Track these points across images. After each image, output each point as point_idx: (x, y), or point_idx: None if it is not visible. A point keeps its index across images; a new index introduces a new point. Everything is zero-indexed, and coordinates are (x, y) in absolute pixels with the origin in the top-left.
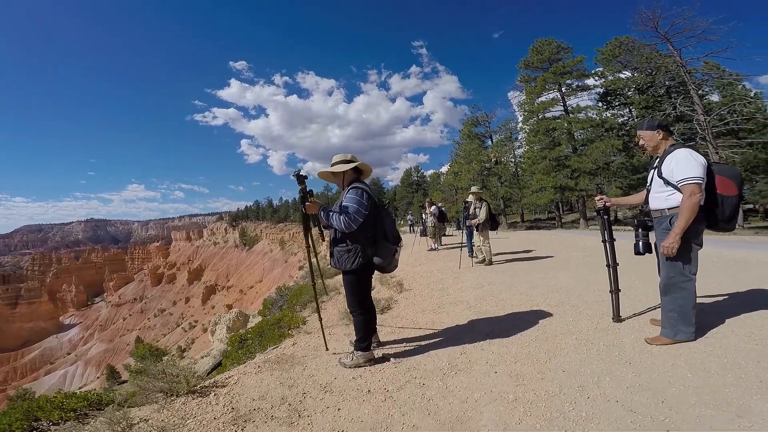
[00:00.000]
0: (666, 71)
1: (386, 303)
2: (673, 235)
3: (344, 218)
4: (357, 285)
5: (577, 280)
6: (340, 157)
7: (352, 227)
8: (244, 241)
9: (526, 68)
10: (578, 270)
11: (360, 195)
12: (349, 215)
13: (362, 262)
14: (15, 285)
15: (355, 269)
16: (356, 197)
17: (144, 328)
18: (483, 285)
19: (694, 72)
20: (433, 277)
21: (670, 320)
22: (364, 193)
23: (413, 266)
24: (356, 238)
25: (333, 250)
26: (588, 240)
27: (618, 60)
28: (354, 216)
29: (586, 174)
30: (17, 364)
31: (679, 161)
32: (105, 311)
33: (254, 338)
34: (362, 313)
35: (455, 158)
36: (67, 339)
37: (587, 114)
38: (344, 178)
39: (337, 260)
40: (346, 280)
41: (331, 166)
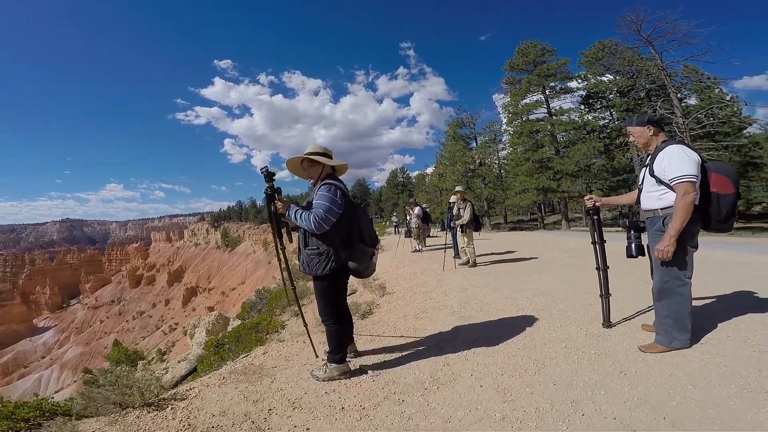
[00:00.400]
0: (647, 74)
1: (367, 307)
2: (667, 238)
3: (315, 218)
4: (329, 292)
5: (561, 283)
6: (320, 148)
7: (323, 228)
8: (227, 242)
9: (511, 70)
10: (562, 272)
11: (333, 192)
12: (320, 214)
13: (335, 266)
14: None
15: (327, 274)
16: (329, 194)
17: (122, 331)
18: (467, 288)
19: (674, 75)
20: (416, 280)
21: (665, 326)
22: (338, 191)
23: (397, 268)
24: (328, 239)
25: (301, 253)
26: (571, 241)
27: (601, 63)
28: (326, 215)
29: (568, 176)
30: None
31: (672, 158)
32: (81, 314)
33: (231, 343)
34: (335, 323)
35: (440, 159)
36: (41, 342)
37: (570, 116)
38: (321, 172)
39: (307, 264)
40: (317, 286)
41: (310, 155)
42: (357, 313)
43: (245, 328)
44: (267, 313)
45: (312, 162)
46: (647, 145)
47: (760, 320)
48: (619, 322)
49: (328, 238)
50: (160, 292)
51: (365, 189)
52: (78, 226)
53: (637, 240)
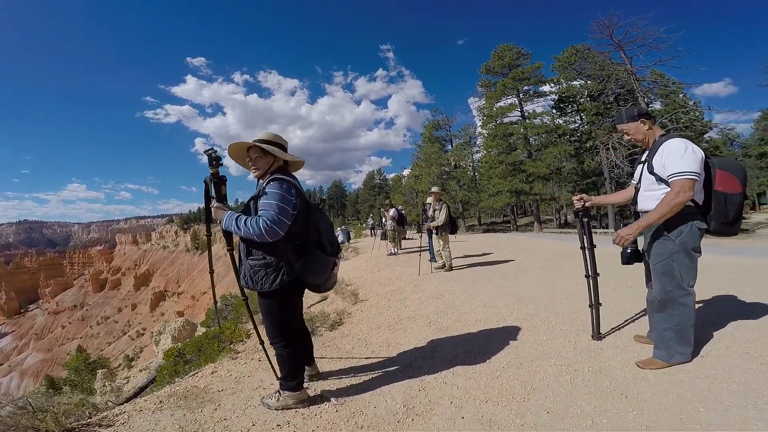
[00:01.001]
0: (616, 79)
1: (337, 317)
2: (635, 227)
3: (265, 222)
4: (279, 310)
5: (541, 288)
6: (273, 136)
7: (277, 233)
8: (196, 244)
9: (487, 73)
10: (540, 276)
11: (286, 189)
12: (272, 217)
13: (286, 279)
14: None
15: (276, 290)
16: (280, 192)
17: (86, 337)
18: (443, 294)
19: (642, 80)
20: (391, 285)
21: (665, 340)
22: (292, 188)
23: (372, 272)
24: (278, 247)
25: (243, 263)
26: (544, 243)
27: (573, 67)
28: (279, 218)
29: (540, 178)
30: None
31: (671, 152)
32: (41, 319)
33: (192, 353)
34: (286, 345)
35: (416, 161)
36: None
37: (542, 120)
38: (271, 166)
39: (250, 278)
40: (263, 304)
41: (261, 142)
42: (325, 324)
43: (207, 337)
44: (232, 321)
45: (261, 152)
46: (645, 141)
47: (754, 327)
48: (609, 333)
49: (277, 245)
50: (126, 296)
51: (342, 191)
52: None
53: (633, 245)
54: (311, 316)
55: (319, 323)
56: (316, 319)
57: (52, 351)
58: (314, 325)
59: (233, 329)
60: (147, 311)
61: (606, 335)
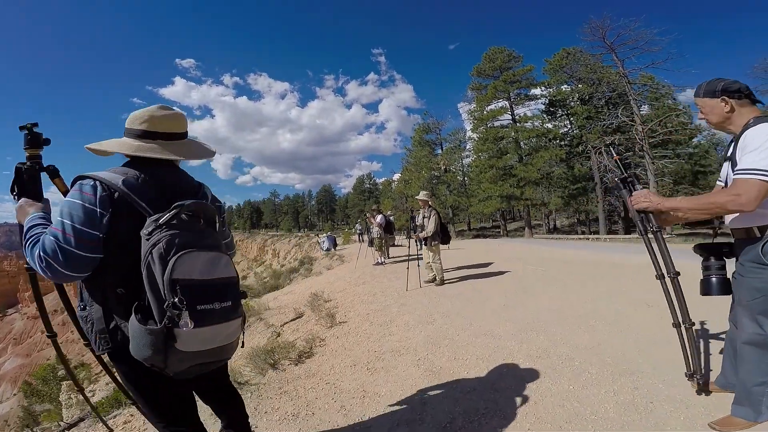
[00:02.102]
0: (608, 82)
1: (306, 346)
2: (658, 201)
3: (39, 251)
4: (143, 390)
5: (549, 309)
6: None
7: (57, 271)
8: None
9: (478, 75)
10: (546, 292)
11: (87, 197)
12: (46, 246)
13: (118, 346)
14: None
15: (118, 357)
16: (73, 201)
17: (67, 342)
18: (434, 318)
19: (634, 83)
20: (375, 303)
21: (755, 396)
22: (99, 190)
23: (355, 285)
24: (95, 289)
25: None
26: (539, 250)
27: (564, 70)
28: (59, 247)
29: (531, 183)
30: None
31: (752, 140)
32: (20, 324)
33: None
34: (168, 426)
35: (406, 165)
36: None
37: (533, 123)
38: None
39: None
40: (120, 372)
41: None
42: (290, 355)
43: None
44: None
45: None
46: (723, 126)
47: None
48: (640, 367)
49: (95, 285)
50: None
51: (332, 195)
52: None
53: (721, 272)
54: (273, 346)
55: (282, 354)
56: (279, 350)
57: (30, 356)
58: (276, 357)
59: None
60: None
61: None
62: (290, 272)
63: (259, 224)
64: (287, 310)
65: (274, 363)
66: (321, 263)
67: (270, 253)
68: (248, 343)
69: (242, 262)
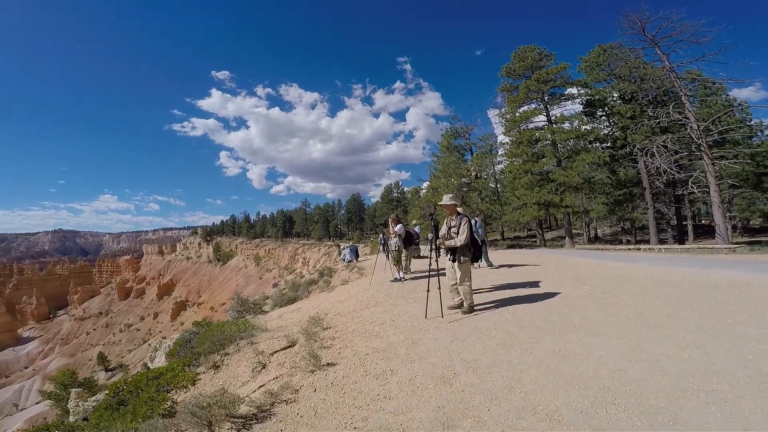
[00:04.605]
0: (653, 78)
1: (267, 402)
2: None
3: None
4: None
5: (630, 358)
6: None
7: None
8: (218, 256)
9: (508, 76)
10: (614, 326)
11: None
12: None
13: None
14: None
15: None
16: None
17: (108, 344)
18: (455, 370)
19: (683, 79)
20: (379, 338)
21: None
22: None
23: (364, 308)
24: None
25: None
26: (585, 263)
27: (602, 68)
28: None
29: (571, 189)
30: None
31: None
32: (68, 325)
33: (130, 393)
34: None
35: (434, 173)
36: (24, 352)
37: (572, 124)
38: None
39: None
40: None
41: None
42: (233, 415)
43: (147, 378)
44: (187, 357)
45: None
46: None
47: None
48: None
49: None
50: (149, 305)
51: (360, 204)
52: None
53: None
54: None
55: (221, 414)
56: (216, 404)
57: (75, 356)
58: (214, 414)
59: (176, 372)
60: (168, 320)
61: None
62: (309, 284)
63: (291, 233)
64: (285, 333)
65: (210, 424)
66: (340, 276)
67: (300, 262)
68: (225, 376)
69: (274, 269)
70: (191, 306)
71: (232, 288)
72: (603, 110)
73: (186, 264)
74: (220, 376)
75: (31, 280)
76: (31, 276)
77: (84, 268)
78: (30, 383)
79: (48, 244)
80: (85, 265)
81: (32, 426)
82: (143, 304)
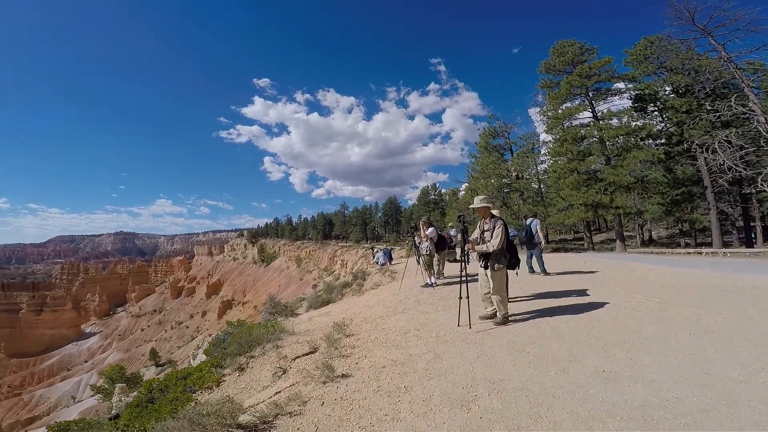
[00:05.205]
0: (709, 70)
1: (274, 412)
2: None
3: None
4: None
5: (689, 382)
6: None
7: None
8: (262, 257)
9: (547, 72)
10: (671, 342)
11: None
12: None
13: None
14: (42, 293)
15: None
16: None
17: (160, 340)
18: (477, 392)
19: (743, 69)
20: (400, 349)
21: None
22: None
23: (392, 314)
24: None
25: None
26: (639, 269)
27: (650, 61)
28: None
29: (622, 188)
30: (36, 369)
31: None
32: (125, 321)
33: (160, 392)
34: None
35: (472, 174)
36: (86, 347)
37: (621, 120)
38: None
39: None
40: None
41: None
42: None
43: (175, 378)
44: (217, 358)
45: None
46: None
47: None
48: None
49: None
50: (198, 303)
51: (397, 207)
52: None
53: None
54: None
55: (219, 425)
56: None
57: (130, 352)
58: (209, 422)
59: (202, 373)
60: (215, 318)
61: None
62: (343, 287)
63: (330, 235)
64: (310, 338)
65: None
66: (373, 279)
67: (339, 263)
68: (248, 379)
69: (314, 271)
70: (236, 305)
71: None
72: (655, 105)
73: (233, 264)
74: (244, 379)
75: (95, 278)
76: (95, 275)
77: (141, 268)
78: (88, 377)
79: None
80: (142, 265)
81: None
82: (193, 303)
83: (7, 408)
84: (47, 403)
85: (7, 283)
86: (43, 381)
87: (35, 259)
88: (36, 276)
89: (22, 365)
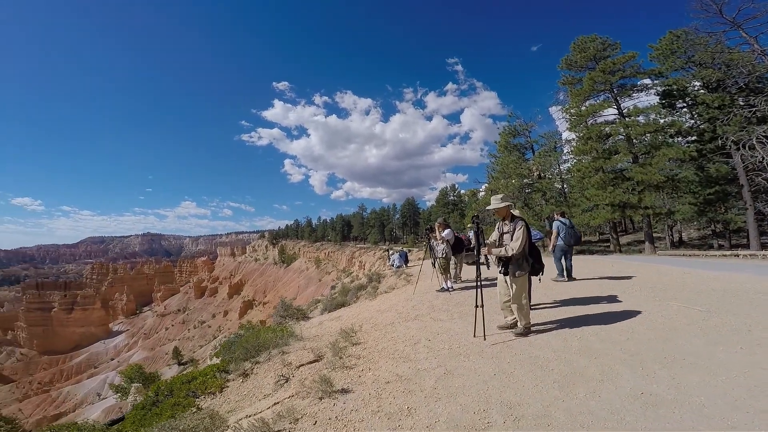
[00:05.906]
0: (742, 64)
1: (262, 430)
2: None
3: None
4: None
5: (747, 408)
6: None
7: None
8: (283, 258)
9: (568, 68)
10: (719, 358)
11: None
12: None
13: None
14: (73, 292)
15: None
16: None
17: (183, 339)
18: (490, 419)
19: None
20: (409, 363)
21: None
22: None
23: (404, 320)
24: None
25: None
26: (673, 273)
27: (677, 55)
28: None
29: (651, 188)
30: (65, 366)
31: None
32: (151, 320)
33: (165, 395)
34: None
35: (492, 174)
36: (113, 345)
37: (648, 117)
38: None
39: None
40: None
41: None
42: None
43: (180, 382)
44: (211, 366)
45: None
46: None
47: None
48: None
49: None
50: (220, 303)
51: (415, 208)
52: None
53: None
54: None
55: None
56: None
57: (154, 350)
58: None
59: (205, 378)
60: (236, 318)
61: None
62: (358, 289)
63: (349, 237)
64: (316, 345)
65: None
66: (387, 282)
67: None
68: (250, 386)
69: (333, 272)
70: (257, 305)
71: (294, 289)
72: (684, 101)
73: (254, 265)
74: (246, 386)
75: (123, 278)
76: (123, 275)
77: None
78: (113, 375)
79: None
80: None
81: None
82: (215, 303)
83: (35, 404)
84: (74, 400)
85: (41, 282)
86: (71, 378)
87: (68, 260)
88: (68, 276)
89: (52, 362)
